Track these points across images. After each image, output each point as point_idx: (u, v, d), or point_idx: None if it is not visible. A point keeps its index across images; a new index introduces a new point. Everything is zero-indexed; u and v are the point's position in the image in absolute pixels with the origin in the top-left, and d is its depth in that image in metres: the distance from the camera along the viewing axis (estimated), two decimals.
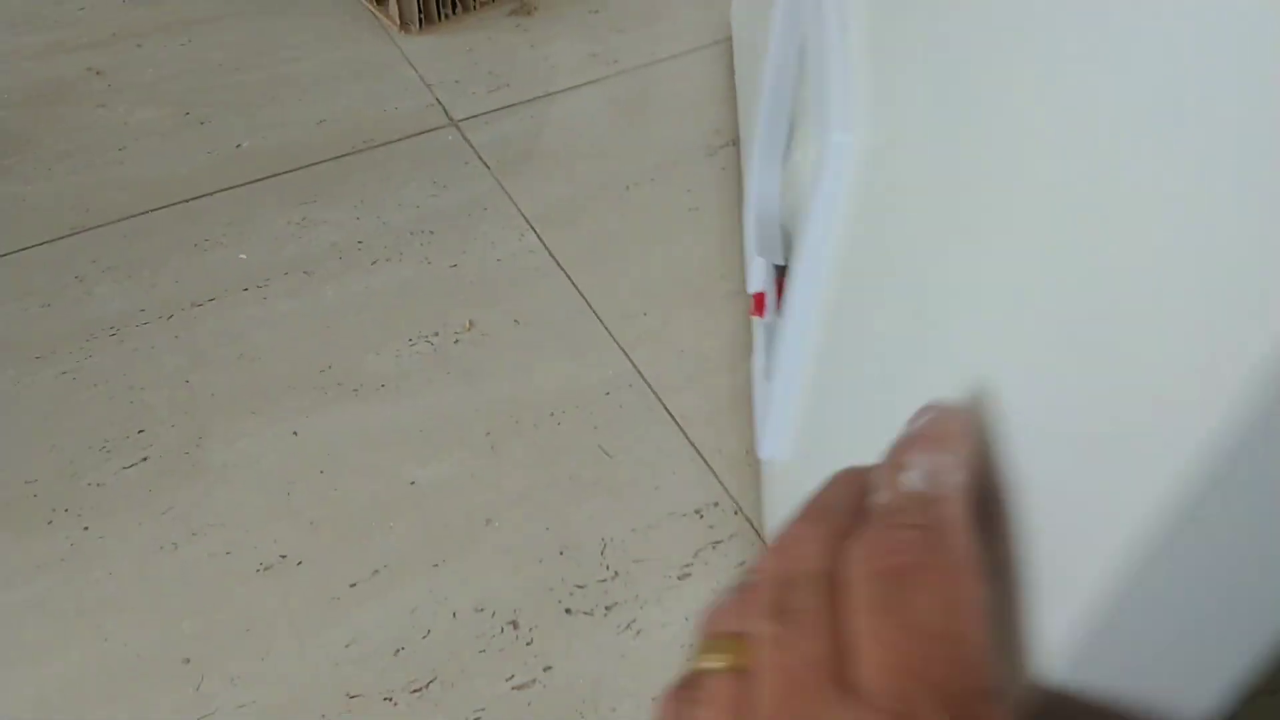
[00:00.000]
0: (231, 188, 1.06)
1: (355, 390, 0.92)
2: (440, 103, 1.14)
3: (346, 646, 0.76)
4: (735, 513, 0.86)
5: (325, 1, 1.24)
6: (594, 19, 1.25)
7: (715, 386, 0.94)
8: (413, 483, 0.87)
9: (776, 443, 0.72)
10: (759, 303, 0.82)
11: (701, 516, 0.85)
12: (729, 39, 1.20)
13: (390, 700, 0.73)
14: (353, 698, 0.74)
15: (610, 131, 1.13)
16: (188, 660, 0.75)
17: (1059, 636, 0.24)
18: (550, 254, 1.01)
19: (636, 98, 1.17)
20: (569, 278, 1.00)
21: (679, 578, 0.82)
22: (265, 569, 0.81)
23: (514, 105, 1.15)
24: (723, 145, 1.11)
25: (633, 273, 1.00)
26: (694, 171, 1.09)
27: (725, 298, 1.00)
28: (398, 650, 0.75)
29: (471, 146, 1.10)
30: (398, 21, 1.20)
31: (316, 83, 1.16)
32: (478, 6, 1.23)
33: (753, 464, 0.90)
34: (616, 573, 0.83)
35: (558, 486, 0.87)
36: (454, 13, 1.22)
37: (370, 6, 1.22)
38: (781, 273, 0.81)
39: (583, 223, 1.04)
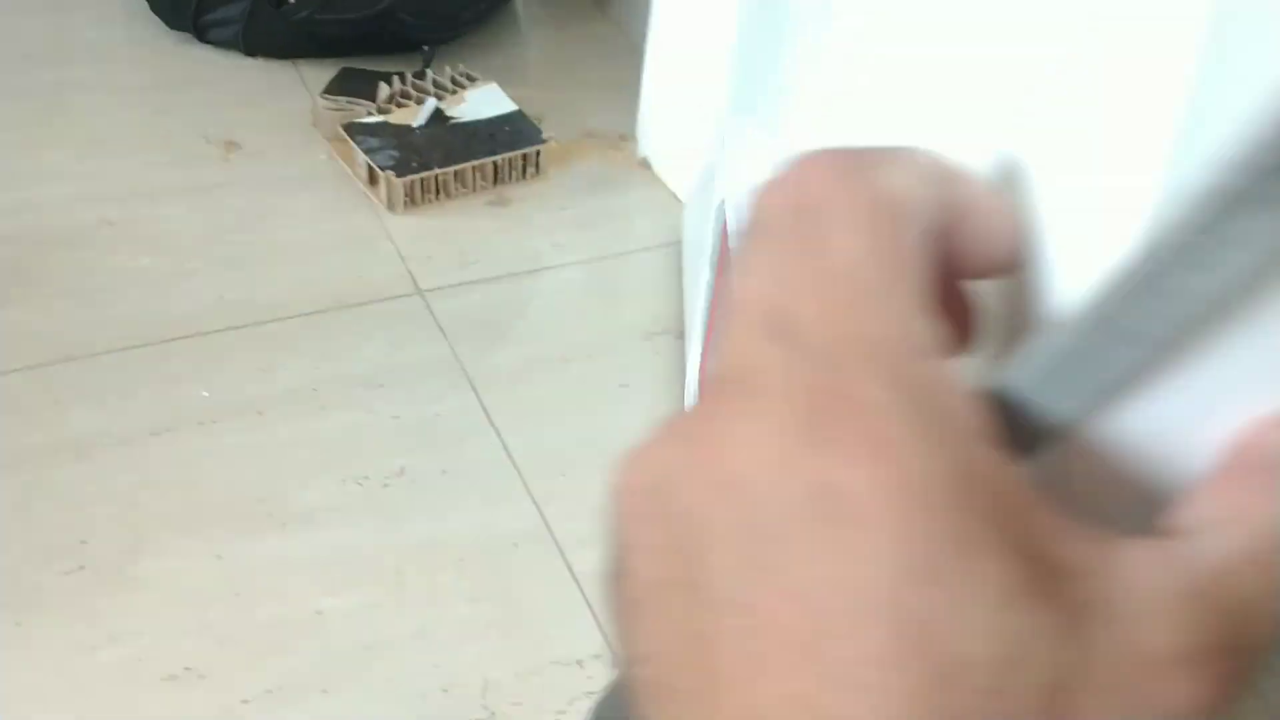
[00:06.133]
0: (208, 333, 1.15)
1: (284, 523, 0.98)
2: (411, 274, 1.25)
3: None
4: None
5: (327, 181, 1.37)
6: (561, 214, 1.37)
7: None
8: (319, 611, 0.92)
9: None
10: None
11: (582, 667, 0.89)
12: (679, 242, 1.30)
13: None
14: None
15: (559, 312, 1.23)
16: None
17: None
18: (485, 414, 1.09)
19: (588, 285, 1.27)
20: (499, 436, 1.07)
21: None
22: (170, 679, 0.86)
23: (478, 281, 1.25)
24: (659, 333, 1.20)
25: (559, 436, 1.07)
26: (629, 354, 1.17)
27: None
28: None
29: (432, 314, 1.20)
30: (385, 201, 1.32)
31: (304, 248, 1.27)
32: (458, 194, 1.36)
33: None
34: (494, 713, 0.86)
35: (453, 627, 0.91)
36: (436, 198, 1.35)
37: (364, 188, 1.35)
38: None
39: (520, 389, 1.12)
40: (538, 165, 1.38)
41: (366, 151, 1.33)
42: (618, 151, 1.47)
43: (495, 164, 1.35)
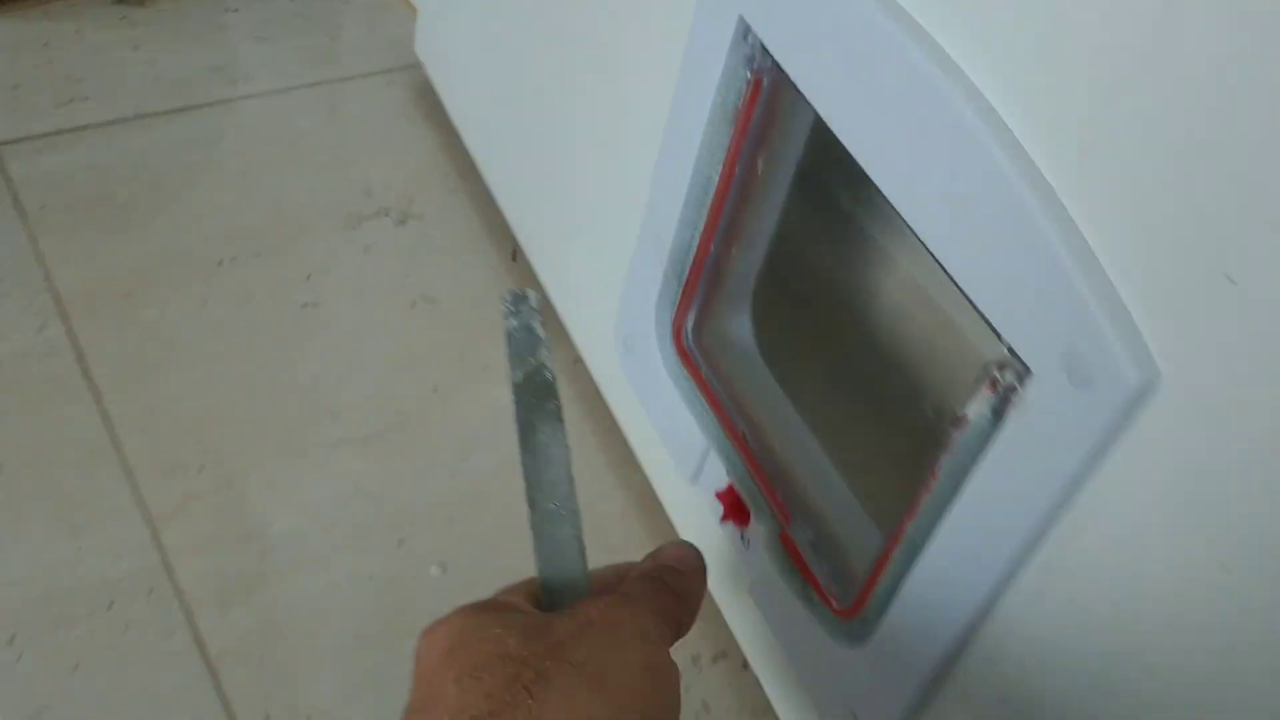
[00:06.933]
0: None
1: None
2: None
3: None
4: None
5: None
6: (230, 20, 0.92)
7: (282, 597, 0.61)
8: None
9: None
10: (734, 505, 0.51)
11: None
12: (411, 67, 0.88)
13: None
14: None
15: (219, 180, 0.80)
16: None
17: None
18: (79, 358, 0.68)
19: (266, 134, 0.84)
20: (97, 399, 0.66)
21: None
22: None
23: (87, 127, 0.81)
24: (374, 215, 0.79)
25: (197, 398, 0.68)
26: (323, 250, 0.76)
27: (330, 448, 0.67)
28: None
29: (9, 183, 0.76)
30: None
31: None
32: None
33: None
34: None
35: None
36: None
37: None
38: (748, 450, 0.51)
39: (140, 313, 0.71)
40: None
41: None
42: None
43: None
